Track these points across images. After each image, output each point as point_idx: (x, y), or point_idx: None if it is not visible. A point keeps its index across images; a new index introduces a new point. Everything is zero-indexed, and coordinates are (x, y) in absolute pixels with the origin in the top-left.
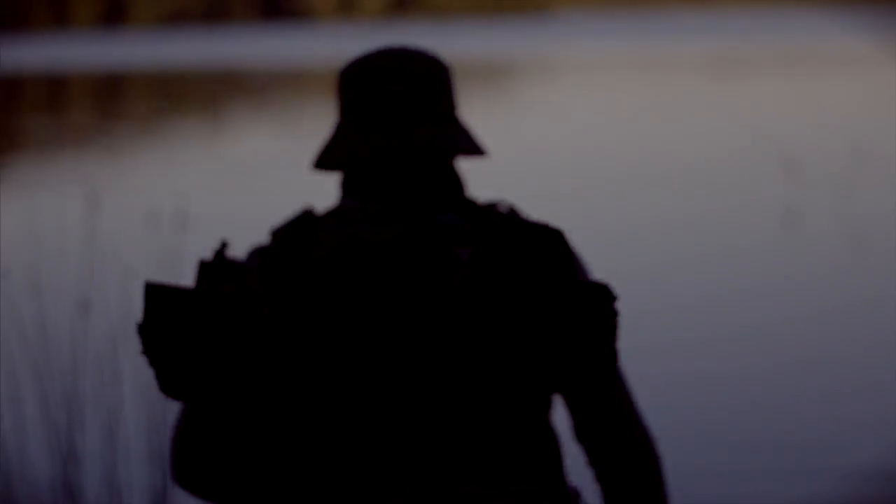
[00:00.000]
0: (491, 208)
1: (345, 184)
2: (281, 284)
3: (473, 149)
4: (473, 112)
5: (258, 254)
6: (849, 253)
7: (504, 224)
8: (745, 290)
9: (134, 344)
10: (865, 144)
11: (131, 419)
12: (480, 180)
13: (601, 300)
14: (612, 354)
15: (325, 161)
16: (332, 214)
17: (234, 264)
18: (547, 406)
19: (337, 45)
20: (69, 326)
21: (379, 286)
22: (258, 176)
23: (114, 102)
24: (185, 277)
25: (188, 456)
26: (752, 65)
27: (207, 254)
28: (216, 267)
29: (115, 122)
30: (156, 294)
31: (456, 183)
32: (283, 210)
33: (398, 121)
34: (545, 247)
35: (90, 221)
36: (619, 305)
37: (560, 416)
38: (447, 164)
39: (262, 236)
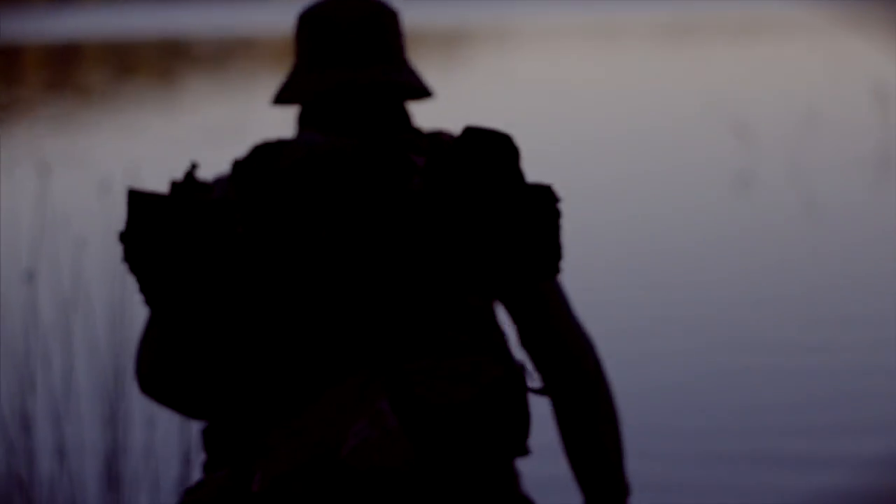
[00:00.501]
0: (439, 133)
1: (302, 117)
2: (250, 192)
3: (423, 88)
4: (428, 79)
5: (224, 180)
6: (800, 217)
7: (457, 137)
8: (697, 252)
9: (84, 311)
10: (816, 110)
11: (82, 384)
12: None
13: (545, 200)
14: (556, 249)
15: (284, 96)
16: (292, 141)
17: (202, 184)
18: (491, 303)
19: (289, 15)
20: (19, 294)
21: (342, 188)
22: (210, 145)
23: (66, 73)
24: None
25: (152, 363)
26: (705, 31)
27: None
28: (186, 186)
29: (67, 93)
30: (137, 201)
31: (407, 118)
32: None
33: (353, 59)
34: (494, 150)
35: (41, 191)
36: (562, 207)
37: None
38: (400, 101)
39: None
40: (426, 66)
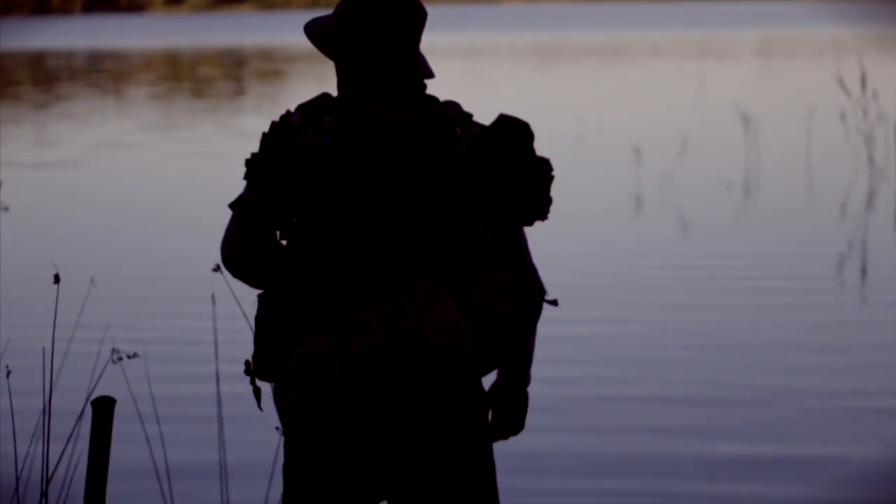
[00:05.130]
0: (454, 104)
1: (351, 80)
2: (344, 141)
3: (431, 73)
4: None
5: (306, 117)
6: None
7: (493, 122)
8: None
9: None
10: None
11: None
12: None
13: (544, 170)
14: (546, 204)
15: (354, 74)
16: (362, 101)
17: (293, 126)
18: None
19: (163, 33)
20: None
21: (411, 146)
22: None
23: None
24: None
25: (243, 252)
26: (579, 52)
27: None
28: (282, 128)
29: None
30: (266, 142)
31: (424, 87)
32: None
33: (406, 47)
34: (516, 132)
35: None
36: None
37: None
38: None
39: (73, 227)
40: (305, 87)
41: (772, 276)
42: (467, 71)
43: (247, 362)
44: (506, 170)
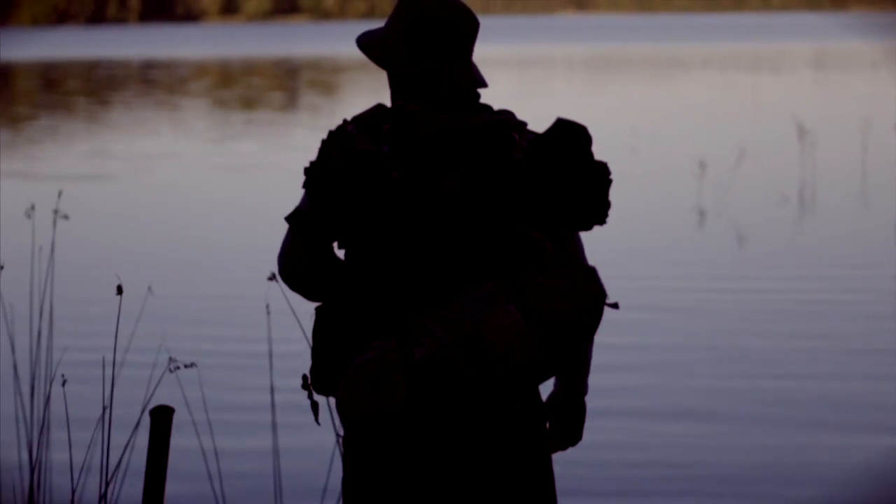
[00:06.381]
0: (508, 113)
1: (408, 91)
2: (403, 148)
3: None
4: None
5: (361, 127)
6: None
7: (551, 126)
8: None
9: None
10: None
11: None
12: None
13: (602, 174)
14: (605, 208)
15: (409, 70)
16: (416, 111)
17: (350, 135)
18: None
19: (219, 43)
20: None
21: (470, 153)
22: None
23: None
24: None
25: (302, 265)
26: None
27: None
28: (340, 134)
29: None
30: (326, 149)
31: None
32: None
33: (460, 54)
34: (574, 136)
35: None
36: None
37: None
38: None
39: (136, 234)
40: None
41: (827, 293)
42: (520, 82)
43: (304, 377)
44: (564, 173)
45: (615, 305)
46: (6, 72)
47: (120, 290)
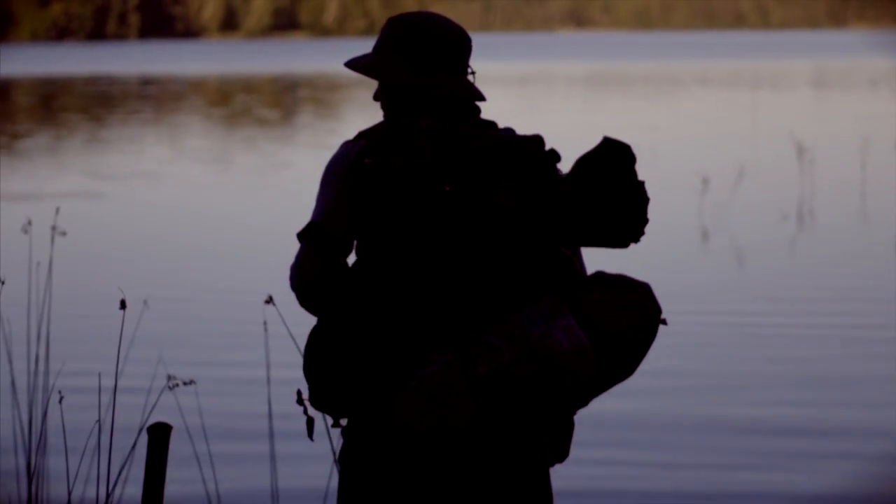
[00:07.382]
0: (510, 130)
1: (405, 104)
2: (453, 162)
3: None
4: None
5: (385, 143)
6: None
7: (598, 145)
8: None
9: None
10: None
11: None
12: None
13: (642, 196)
14: (643, 226)
15: (412, 98)
16: (455, 127)
17: (385, 147)
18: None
19: (220, 59)
20: None
21: (520, 172)
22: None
23: None
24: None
25: (317, 283)
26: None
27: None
28: (401, 142)
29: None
30: (384, 155)
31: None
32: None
33: (457, 68)
34: (619, 154)
35: None
36: None
37: None
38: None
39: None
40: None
41: (826, 317)
42: (519, 98)
43: (299, 392)
44: (610, 191)
45: (664, 321)
46: (6, 88)
47: (123, 305)
